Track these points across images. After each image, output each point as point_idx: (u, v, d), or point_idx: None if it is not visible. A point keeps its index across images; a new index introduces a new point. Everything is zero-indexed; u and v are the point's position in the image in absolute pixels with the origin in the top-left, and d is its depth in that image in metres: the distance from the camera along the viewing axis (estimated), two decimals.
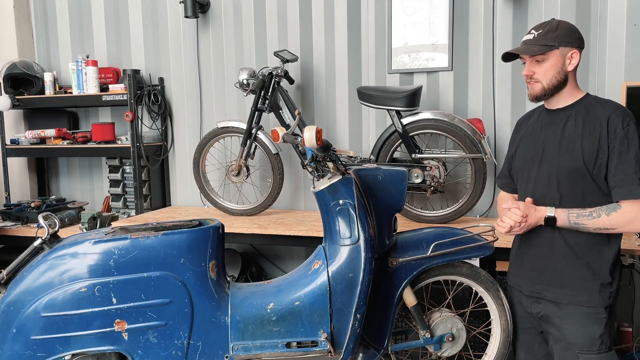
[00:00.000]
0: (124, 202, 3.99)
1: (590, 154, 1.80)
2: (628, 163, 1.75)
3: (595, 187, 1.83)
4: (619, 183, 1.77)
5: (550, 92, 1.88)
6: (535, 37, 1.86)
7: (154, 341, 2.00)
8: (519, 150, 2.05)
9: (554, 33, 1.84)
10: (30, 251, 2.02)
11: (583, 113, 1.86)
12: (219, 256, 2.09)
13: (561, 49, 1.84)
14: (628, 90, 3.00)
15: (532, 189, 1.96)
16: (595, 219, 1.78)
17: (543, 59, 1.85)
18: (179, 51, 3.96)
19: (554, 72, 1.85)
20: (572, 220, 1.80)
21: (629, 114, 1.80)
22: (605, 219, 1.77)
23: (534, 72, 1.88)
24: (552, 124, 1.93)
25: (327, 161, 2.11)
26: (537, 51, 1.83)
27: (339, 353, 2.12)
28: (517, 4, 3.21)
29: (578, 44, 1.86)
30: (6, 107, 3.87)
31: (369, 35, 3.52)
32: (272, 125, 3.68)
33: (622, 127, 1.76)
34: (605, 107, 1.83)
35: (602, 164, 1.79)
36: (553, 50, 1.83)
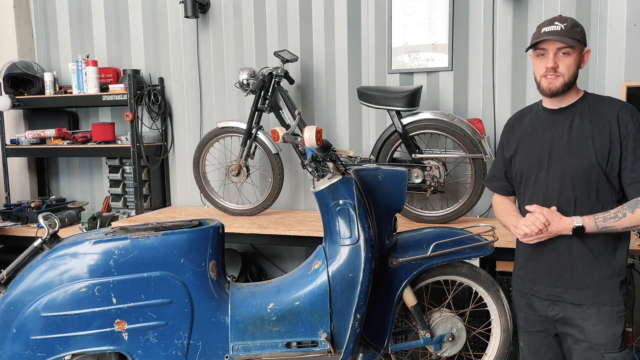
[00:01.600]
0: (124, 202, 3.99)
1: (603, 152, 1.79)
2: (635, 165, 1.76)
3: (608, 185, 1.82)
4: (636, 179, 1.76)
5: (568, 88, 1.85)
6: (563, 29, 1.81)
7: (154, 341, 2.00)
8: (520, 152, 1.99)
9: (578, 28, 1.82)
10: (30, 251, 2.02)
11: (588, 111, 1.84)
12: (219, 256, 2.09)
13: (581, 46, 1.83)
14: (628, 90, 3.00)
15: (542, 192, 1.91)
16: (621, 219, 1.76)
17: (570, 53, 1.81)
18: (179, 51, 3.96)
19: (574, 68, 1.83)
20: (600, 225, 1.77)
21: (635, 109, 1.80)
22: (632, 217, 1.75)
23: (558, 65, 1.83)
24: (557, 124, 1.89)
25: (327, 161, 2.11)
26: (572, 43, 1.79)
27: (339, 353, 2.12)
28: (517, 4, 3.21)
29: (586, 42, 1.86)
30: (6, 107, 3.87)
31: (369, 35, 3.52)
32: (272, 125, 3.68)
33: (634, 123, 1.77)
34: (611, 105, 1.82)
35: (614, 162, 1.78)
36: (578, 45, 1.82)
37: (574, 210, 1.84)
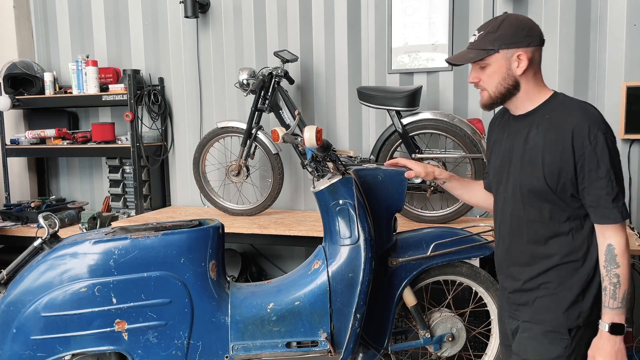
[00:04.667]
0: (124, 202, 3.99)
1: (552, 171, 1.55)
2: (599, 182, 1.51)
3: (563, 204, 1.59)
4: (593, 204, 1.54)
5: (500, 100, 1.64)
6: (476, 40, 1.62)
7: (154, 341, 2.00)
8: (492, 157, 1.82)
9: (495, 34, 1.58)
10: (30, 251, 2.03)
11: (546, 122, 1.59)
12: (219, 256, 2.09)
13: (502, 52, 1.57)
14: (628, 90, 3.01)
15: (501, 204, 1.75)
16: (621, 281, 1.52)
17: (485, 65, 1.61)
18: (179, 51, 3.96)
19: (498, 79, 1.60)
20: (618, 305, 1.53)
21: (596, 121, 1.52)
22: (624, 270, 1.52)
23: (479, 78, 1.64)
24: (517, 132, 1.67)
25: (327, 161, 2.11)
26: (473, 58, 1.60)
27: (339, 353, 2.12)
28: (517, 4, 3.21)
29: (528, 42, 1.57)
30: (6, 107, 3.87)
31: (369, 35, 3.52)
32: (272, 125, 3.68)
33: (590, 142, 1.49)
34: (570, 116, 1.54)
35: (566, 183, 1.55)
36: (493, 54, 1.58)
37: (525, 230, 1.65)
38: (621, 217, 1.53)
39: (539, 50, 1.61)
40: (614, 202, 1.52)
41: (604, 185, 1.51)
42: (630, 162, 3.10)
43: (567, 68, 3.17)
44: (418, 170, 2.04)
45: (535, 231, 1.64)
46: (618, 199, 1.52)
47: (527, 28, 1.58)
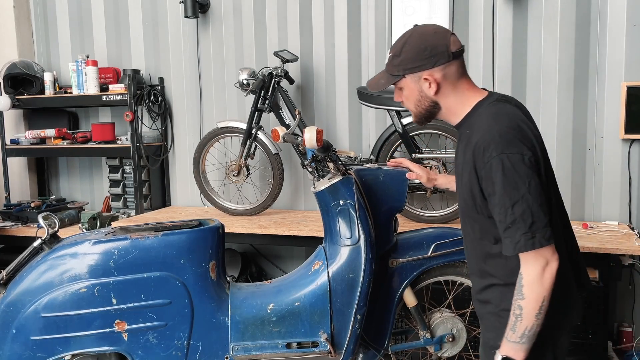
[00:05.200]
0: (124, 202, 3.99)
1: (468, 190, 1.47)
2: (495, 209, 1.38)
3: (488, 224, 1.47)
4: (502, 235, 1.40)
5: (425, 119, 1.57)
6: (387, 62, 1.55)
7: (153, 341, 2.00)
8: None
9: (398, 58, 1.50)
10: (30, 251, 2.02)
11: (465, 137, 1.49)
12: (219, 256, 2.09)
13: (409, 76, 1.49)
14: (628, 90, 3.01)
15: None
16: (523, 314, 1.37)
17: (400, 87, 1.54)
18: (179, 51, 3.96)
19: (413, 101, 1.54)
20: (517, 338, 1.38)
21: (494, 140, 1.36)
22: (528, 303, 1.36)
23: (401, 99, 1.58)
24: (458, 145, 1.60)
25: (328, 161, 2.11)
26: (384, 85, 1.54)
27: (339, 354, 2.12)
28: (517, 4, 3.21)
29: (433, 62, 1.46)
30: (6, 107, 3.87)
31: (369, 35, 3.52)
32: (272, 125, 3.67)
33: (484, 164, 1.37)
34: (475, 133, 1.42)
35: (481, 205, 1.45)
36: (401, 79, 1.51)
37: (469, 245, 1.59)
38: (512, 250, 1.35)
39: (453, 64, 1.48)
40: (507, 232, 1.36)
41: (498, 212, 1.37)
42: (630, 162, 3.10)
43: (567, 68, 3.17)
44: (420, 174, 2.04)
45: (474, 248, 1.56)
46: (513, 228, 1.35)
47: (429, 48, 1.46)
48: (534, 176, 1.35)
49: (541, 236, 1.33)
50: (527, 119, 1.48)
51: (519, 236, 1.34)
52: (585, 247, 2.61)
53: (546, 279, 1.35)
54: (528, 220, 1.33)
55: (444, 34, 1.48)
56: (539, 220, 1.34)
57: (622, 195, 3.14)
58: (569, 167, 3.23)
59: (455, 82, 1.50)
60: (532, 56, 3.23)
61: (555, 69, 3.19)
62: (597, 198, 3.20)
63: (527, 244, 1.34)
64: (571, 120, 3.20)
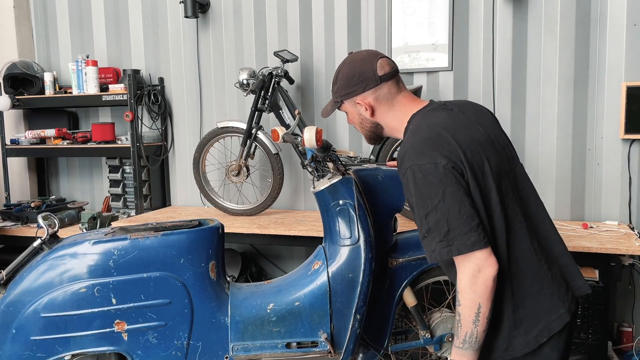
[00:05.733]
0: (124, 202, 3.99)
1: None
2: (415, 220, 1.41)
3: None
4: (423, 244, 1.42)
5: (374, 139, 1.66)
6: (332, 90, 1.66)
7: (153, 341, 2.00)
8: None
9: (336, 86, 1.61)
10: (30, 251, 2.02)
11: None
12: (218, 256, 2.09)
13: (346, 102, 1.60)
14: (628, 90, 3.01)
15: None
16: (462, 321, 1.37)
17: (344, 111, 1.65)
18: (179, 51, 3.96)
19: (357, 124, 1.64)
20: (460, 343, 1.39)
21: (407, 152, 1.40)
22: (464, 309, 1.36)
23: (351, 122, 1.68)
24: None
25: (327, 161, 2.11)
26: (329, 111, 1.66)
27: (339, 353, 2.12)
28: (517, 4, 3.21)
29: (362, 87, 1.54)
30: (6, 107, 3.87)
31: (369, 35, 3.52)
32: (272, 125, 3.68)
33: (402, 177, 1.43)
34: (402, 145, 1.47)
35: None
36: (342, 105, 1.62)
37: None
38: (430, 258, 1.36)
39: (383, 86, 1.53)
40: (424, 240, 1.37)
41: (416, 222, 1.40)
42: (630, 162, 3.10)
43: (567, 68, 3.17)
44: None
45: None
46: (429, 237, 1.35)
47: (356, 75, 1.54)
48: (449, 183, 1.33)
49: (460, 243, 1.31)
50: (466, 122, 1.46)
51: (434, 245, 1.34)
52: (585, 247, 2.61)
53: (479, 285, 1.33)
54: (443, 228, 1.33)
55: (371, 59, 1.55)
56: (457, 227, 1.32)
57: (622, 195, 3.14)
58: (569, 167, 3.23)
59: (390, 102, 1.56)
60: (532, 56, 3.23)
61: (555, 69, 3.19)
62: (597, 198, 3.20)
63: (442, 252, 1.33)
64: (571, 120, 3.20)
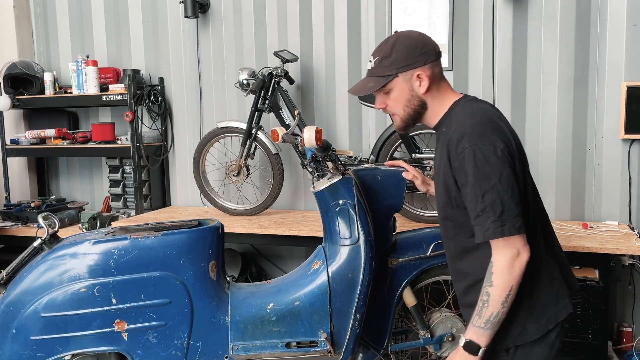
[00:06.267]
0: (124, 202, 3.99)
1: (445, 186, 1.52)
2: (467, 198, 1.44)
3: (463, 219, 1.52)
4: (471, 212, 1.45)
5: (412, 121, 1.60)
6: (372, 67, 1.58)
7: (153, 341, 2.00)
8: None
9: (389, 59, 1.54)
10: (30, 251, 2.02)
11: (442, 135, 1.55)
12: (218, 256, 2.09)
13: (401, 75, 1.53)
14: (628, 90, 3.00)
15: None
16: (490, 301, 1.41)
17: (389, 90, 1.56)
18: (179, 51, 3.96)
19: (404, 102, 1.56)
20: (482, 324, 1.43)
21: (467, 131, 1.43)
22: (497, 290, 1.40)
23: (385, 104, 1.60)
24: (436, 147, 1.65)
25: (327, 161, 2.11)
26: (374, 87, 1.55)
27: (339, 353, 2.12)
28: (517, 4, 3.21)
29: (424, 60, 1.53)
30: (6, 107, 3.87)
31: (369, 35, 3.52)
32: (272, 125, 3.68)
33: (457, 155, 1.43)
34: (450, 128, 1.50)
35: (457, 198, 1.50)
36: (393, 79, 1.54)
37: (446, 247, 1.64)
38: (482, 237, 1.41)
39: (438, 64, 1.57)
40: (477, 219, 1.41)
41: (469, 201, 1.43)
42: (630, 162, 3.10)
43: (567, 68, 3.17)
44: (415, 174, 2.07)
45: (449, 247, 1.62)
46: (483, 216, 1.39)
47: (419, 46, 1.53)
48: (505, 168, 1.39)
49: (511, 225, 1.38)
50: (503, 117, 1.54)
51: (489, 224, 1.39)
52: (585, 247, 2.61)
53: (515, 269, 1.40)
54: (498, 209, 1.38)
55: (428, 36, 1.58)
56: (509, 209, 1.38)
57: (622, 195, 3.14)
58: (569, 167, 3.23)
59: (439, 83, 1.58)
60: (532, 56, 3.24)
61: (555, 69, 3.19)
62: (597, 198, 3.20)
63: (496, 232, 1.38)
64: (571, 120, 3.20)
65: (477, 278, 1.51)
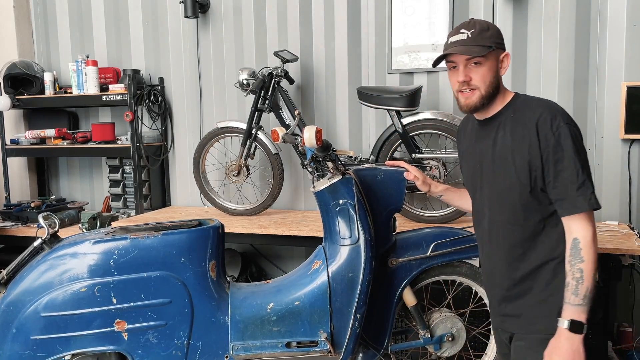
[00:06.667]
0: (124, 202, 3.99)
1: (523, 166, 1.56)
2: (565, 172, 1.51)
3: (536, 203, 1.58)
4: (560, 196, 1.52)
5: (488, 100, 1.63)
6: (470, 37, 1.59)
7: (154, 341, 2.00)
8: (464, 166, 1.85)
9: (488, 32, 1.59)
10: (30, 251, 2.02)
11: (511, 121, 1.61)
12: (218, 256, 2.09)
13: (496, 51, 1.61)
14: (628, 90, 3.01)
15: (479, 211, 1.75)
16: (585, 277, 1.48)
17: (481, 62, 1.59)
18: (179, 51, 3.96)
19: (491, 77, 1.61)
20: (579, 301, 1.48)
21: (559, 111, 1.54)
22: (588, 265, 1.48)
23: (470, 77, 1.61)
24: (484, 136, 1.69)
25: (327, 161, 2.11)
26: (479, 52, 1.57)
27: (339, 353, 2.12)
28: (517, 4, 3.21)
29: (504, 46, 1.65)
30: (6, 107, 3.87)
31: (369, 35, 3.52)
32: (272, 125, 3.68)
33: (553, 133, 1.51)
34: (534, 110, 1.57)
35: (537, 177, 1.55)
36: (491, 51, 1.59)
37: (502, 234, 1.66)
38: (588, 205, 1.50)
39: None
40: (579, 190, 1.50)
41: (569, 174, 1.51)
42: (630, 162, 3.10)
43: (567, 68, 3.17)
44: (416, 175, 2.09)
45: (512, 234, 1.64)
46: (585, 187, 1.51)
47: (501, 33, 1.65)
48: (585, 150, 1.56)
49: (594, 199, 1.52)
50: None
51: (590, 194, 1.51)
52: None
53: (596, 241, 1.52)
54: (590, 183, 1.53)
55: None
56: (593, 186, 1.54)
57: (622, 195, 3.14)
58: None
59: None
60: (532, 56, 3.24)
61: (555, 69, 3.19)
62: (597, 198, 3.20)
63: (597, 202, 1.52)
64: None
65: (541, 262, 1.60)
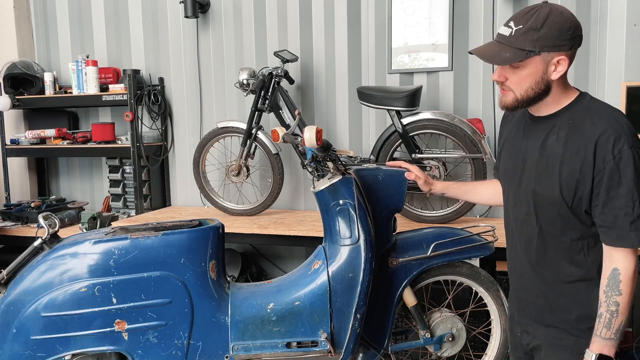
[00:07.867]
0: (124, 202, 3.99)
1: (569, 183, 1.41)
2: (618, 200, 1.36)
3: (576, 220, 1.46)
4: (607, 224, 1.39)
5: (526, 104, 1.47)
6: (511, 35, 1.40)
7: (154, 341, 2.00)
8: (503, 155, 1.69)
9: (537, 33, 1.37)
10: (30, 251, 2.02)
11: (568, 127, 1.43)
12: (219, 256, 2.09)
13: (543, 55, 1.39)
14: (628, 90, 3.01)
15: (511, 209, 1.63)
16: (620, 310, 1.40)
17: (519, 66, 1.42)
18: (179, 51, 3.96)
19: (530, 83, 1.43)
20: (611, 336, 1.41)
21: (625, 131, 1.36)
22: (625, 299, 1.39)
23: (506, 77, 1.46)
24: (534, 133, 1.53)
25: (327, 161, 2.11)
26: (510, 59, 1.40)
27: (339, 353, 2.12)
28: (517, 4, 3.21)
29: (570, 45, 1.40)
30: (6, 107, 3.87)
31: (369, 35, 3.52)
32: (272, 125, 3.68)
33: (613, 155, 1.34)
34: (596, 124, 1.38)
35: (583, 197, 1.41)
36: (532, 57, 1.39)
37: (537, 241, 1.54)
38: (638, 242, 1.37)
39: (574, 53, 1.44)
40: (633, 225, 1.36)
41: (624, 204, 1.36)
42: None
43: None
44: (418, 174, 2.08)
45: (546, 243, 1.52)
46: (638, 222, 1.36)
47: (572, 28, 1.39)
48: None
49: None
50: None
51: None
52: None
53: (636, 278, 1.41)
54: None
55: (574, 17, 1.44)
56: None
57: None
58: None
59: (565, 75, 1.46)
60: None
61: None
62: None
63: None
64: None
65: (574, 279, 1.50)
